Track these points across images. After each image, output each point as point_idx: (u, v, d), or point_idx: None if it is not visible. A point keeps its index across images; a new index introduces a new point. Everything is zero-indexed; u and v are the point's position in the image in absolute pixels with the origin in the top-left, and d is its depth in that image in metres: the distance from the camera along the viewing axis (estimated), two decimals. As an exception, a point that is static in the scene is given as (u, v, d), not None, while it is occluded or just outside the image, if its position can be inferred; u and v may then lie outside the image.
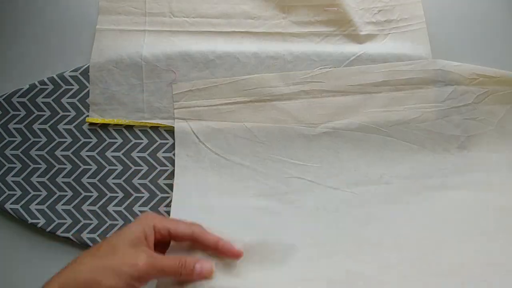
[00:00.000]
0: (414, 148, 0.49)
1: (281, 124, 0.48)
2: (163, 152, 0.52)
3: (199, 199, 0.47)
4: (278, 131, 0.48)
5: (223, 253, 0.37)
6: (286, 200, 0.46)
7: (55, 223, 0.52)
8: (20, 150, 0.53)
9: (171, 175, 0.51)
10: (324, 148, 0.48)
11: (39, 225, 0.51)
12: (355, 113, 0.49)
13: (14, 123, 0.53)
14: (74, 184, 0.52)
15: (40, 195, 0.52)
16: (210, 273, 0.35)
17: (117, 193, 0.52)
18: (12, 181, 0.52)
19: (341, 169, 0.48)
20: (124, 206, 0.52)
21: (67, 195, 0.52)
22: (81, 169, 0.53)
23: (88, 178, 0.53)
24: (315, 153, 0.48)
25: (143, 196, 0.52)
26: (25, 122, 0.53)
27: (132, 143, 0.53)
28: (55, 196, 0.52)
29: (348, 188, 0.47)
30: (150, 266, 0.33)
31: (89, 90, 0.53)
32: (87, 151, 0.53)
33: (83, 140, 0.53)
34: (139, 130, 0.53)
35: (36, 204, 0.52)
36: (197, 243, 0.37)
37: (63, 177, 0.52)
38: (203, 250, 0.37)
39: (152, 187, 0.52)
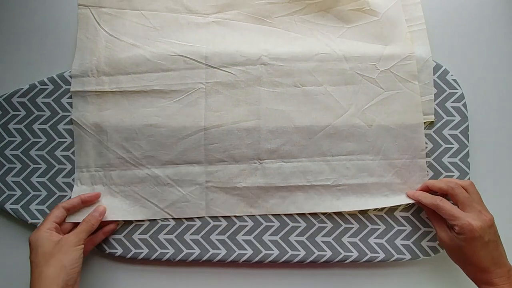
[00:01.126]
0: (297, 37, 0.54)
1: (174, 13, 0.54)
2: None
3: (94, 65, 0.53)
4: (171, 19, 0.54)
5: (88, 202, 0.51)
6: (168, 76, 0.52)
7: (55, 223, 0.52)
8: (20, 150, 0.53)
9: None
10: (212, 34, 0.54)
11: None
12: (243, 5, 0.54)
13: (14, 123, 0.53)
14: (73, 184, 0.52)
15: (40, 195, 0.52)
16: (104, 209, 0.50)
17: (117, 193, 0.52)
18: (12, 181, 0.52)
19: (224, 50, 0.53)
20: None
21: (67, 195, 0.52)
22: (81, 169, 0.53)
23: (88, 178, 0.53)
24: (203, 37, 0.53)
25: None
26: (25, 122, 0.53)
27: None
28: (55, 196, 0.52)
29: (226, 67, 0.52)
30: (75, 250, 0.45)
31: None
32: (87, 151, 0.53)
33: (83, 140, 0.53)
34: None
35: (36, 204, 0.52)
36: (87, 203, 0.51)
37: (63, 177, 0.52)
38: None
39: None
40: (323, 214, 0.52)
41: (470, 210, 0.45)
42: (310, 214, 0.51)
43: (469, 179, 0.52)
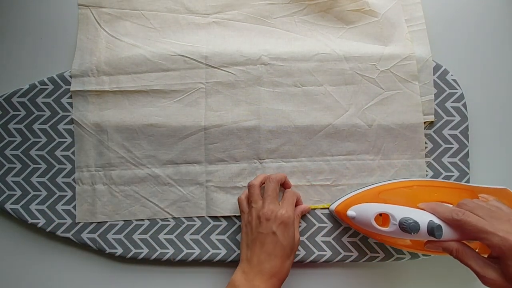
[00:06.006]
0: (297, 37, 0.53)
1: (174, 13, 0.54)
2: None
3: (94, 65, 0.53)
4: (171, 19, 0.54)
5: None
6: (168, 76, 0.52)
7: (55, 223, 0.52)
8: (20, 150, 0.53)
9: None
10: (212, 34, 0.53)
11: (39, 225, 0.51)
12: (243, 5, 0.54)
13: (14, 123, 0.53)
14: (74, 184, 0.52)
15: (40, 195, 0.52)
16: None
17: (117, 193, 0.53)
18: (12, 181, 0.52)
19: (224, 50, 0.52)
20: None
21: (67, 195, 0.52)
22: (81, 169, 0.53)
23: (88, 178, 0.53)
24: (203, 37, 0.53)
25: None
26: (25, 122, 0.53)
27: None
28: (55, 196, 0.52)
29: (226, 67, 0.52)
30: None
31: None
32: (87, 151, 0.53)
33: (83, 140, 0.53)
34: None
35: (36, 204, 0.52)
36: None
37: (63, 177, 0.52)
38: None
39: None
40: (323, 214, 0.52)
41: (498, 222, 0.36)
42: (309, 214, 0.51)
43: (468, 179, 0.52)
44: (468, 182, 0.51)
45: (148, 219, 0.52)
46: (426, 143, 0.52)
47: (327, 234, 0.51)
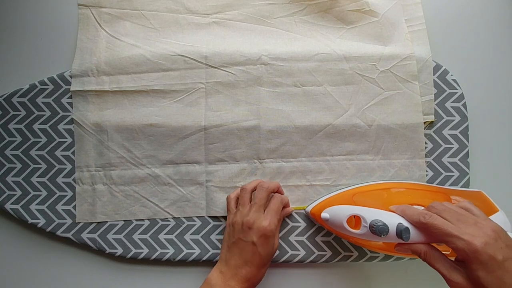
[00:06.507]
0: (297, 37, 0.54)
1: (175, 13, 0.54)
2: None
3: (94, 65, 0.53)
4: (171, 20, 0.54)
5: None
6: (168, 76, 0.52)
7: (55, 223, 0.52)
8: (20, 150, 0.53)
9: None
10: (212, 34, 0.54)
11: (39, 225, 0.51)
12: (243, 5, 0.54)
13: (14, 123, 0.53)
14: (74, 184, 0.52)
15: (40, 195, 0.52)
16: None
17: (117, 193, 0.53)
18: (12, 181, 0.52)
19: (224, 50, 0.52)
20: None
21: (67, 195, 0.52)
22: (81, 169, 0.53)
23: (88, 178, 0.53)
24: (203, 37, 0.53)
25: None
26: (25, 122, 0.53)
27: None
28: (55, 196, 0.52)
29: (226, 67, 0.52)
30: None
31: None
32: (87, 151, 0.53)
33: (83, 140, 0.53)
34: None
35: (36, 204, 0.52)
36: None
37: (63, 177, 0.52)
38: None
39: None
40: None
41: (465, 225, 0.36)
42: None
43: (469, 179, 0.52)
44: (468, 182, 0.52)
45: (148, 219, 0.52)
46: (426, 143, 0.52)
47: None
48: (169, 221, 0.52)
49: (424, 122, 0.52)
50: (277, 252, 0.51)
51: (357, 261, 0.51)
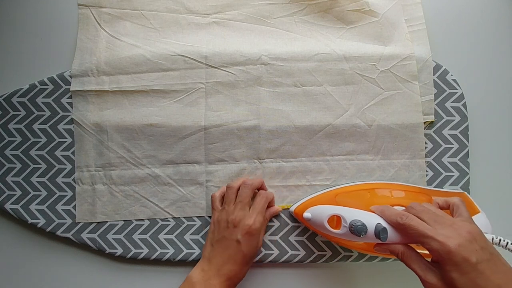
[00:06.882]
0: (297, 37, 0.54)
1: (174, 13, 0.54)
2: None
3: (94, 65, 0.53)
4: (171, 20, 0.53)
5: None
6: (168, 76, 0.52)
7: (55, 223, 0.52)
8: (20, 150, 0.53)
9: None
10: (212, 34, 0.53)
11: (39, 225, 0.51)
12: (243, 5, 0.54)
13: (14, 123, 0.53)
14: (74, 184, 0.52)
15: (40, 195, 0.52)
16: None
17: (117, 193, 0.53)
18: (12, 181, 0.52)
19: (224, 50, 0.52)
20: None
21: (67, 195, 0.52)
22: (81, 169, 0.53)
23: (88, 178, 0.53)
24: (203, 37, 0.53)
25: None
26: (25, 122, 0.53)
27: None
28: (55, 196, 0.52)
29: (226, 67, 0.52)
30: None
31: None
32: (87, 151, 0.53)
33: (83, 140, 0.53)
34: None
35: (36, 204, 0.52)
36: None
37: (63, 177, 0.52)
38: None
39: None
40: None
41: (441, 226, 0.35)
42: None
43: (469, 179, 0.52)
44: (468, 182, 0.52)
45: (148, 219, 0.52)
46: (426, 143, 0.52)
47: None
48: (169, 221, 0.52)
49: (424, 122, 0.52)
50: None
51: (357, 261, 0.51)
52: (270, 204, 0.50)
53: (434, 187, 0.52)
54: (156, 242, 0.51)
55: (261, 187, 0.50)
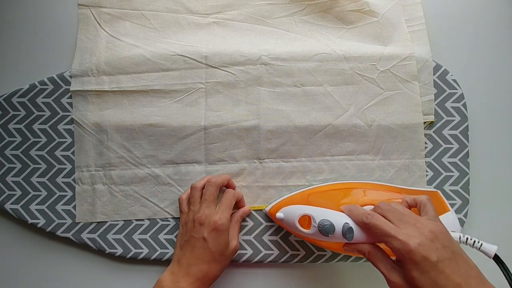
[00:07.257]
0: (296, 37, 0.53)
1: (174, 13, 0.54)
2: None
3: (94, 65, 0.53)
4: (171, 20, 0.53)
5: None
6: (168, 76, 0.52)
7: (55, 223, 0.52)
8: (20, 150, 0.53)
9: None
10: (212, 34, 0.53)
11: (39, 225, 0.51)
12: (243, 5, 0.54)
13: (14, 123, 0.53)
14: (74, 184, 0.52)
15: (40, 195, 0.52)
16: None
17: (117, 193, 0.53)
18: (12, 181, 0.52)
19: (224, 50, 0.52)
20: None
21: (67, 195, 0.52)
22: (81, 169, 0.53)
23: (88, 178, 0.53)
24: (203, 37, 0.53)
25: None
26: (25, 122, 0.53)
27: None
28: (55, 196, 0.52)
29: (226, 67, 0.52)
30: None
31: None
32: (87, 151, 0.53)
33: (83, 140, 0.53)
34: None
35: (36, 204, 0.52)
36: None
37: (63, 177, 0.52)
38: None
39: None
40: None
41: (405, 226, 0.35)
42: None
43: (468, 179, 0.52)
44: (468, 182, 0.51)
45: (148, 219, 0.52)
46: (426, 143, 0.52)
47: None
48: (169, 221, 0.52)
49: (424, 122, 0.52)
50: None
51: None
52: (240, 205, 0.50)
53: (434, 187, 0.52)
54: (156, 242, 0.51)
55: (228, 184, 0.50)
